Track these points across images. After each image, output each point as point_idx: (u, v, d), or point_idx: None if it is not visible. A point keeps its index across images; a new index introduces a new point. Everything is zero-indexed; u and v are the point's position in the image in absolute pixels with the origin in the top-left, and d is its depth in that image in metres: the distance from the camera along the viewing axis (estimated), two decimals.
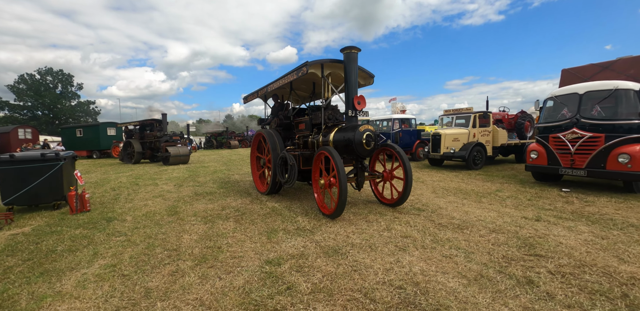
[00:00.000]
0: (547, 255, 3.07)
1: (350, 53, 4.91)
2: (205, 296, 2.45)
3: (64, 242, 3.93)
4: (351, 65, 4.94)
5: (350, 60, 4.95)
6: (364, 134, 4.69)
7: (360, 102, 4.97)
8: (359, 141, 4.68)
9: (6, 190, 5.46)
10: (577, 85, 6.47)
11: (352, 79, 4.97)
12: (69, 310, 2.33)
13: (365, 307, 2.24)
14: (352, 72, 4.95)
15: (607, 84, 6.01)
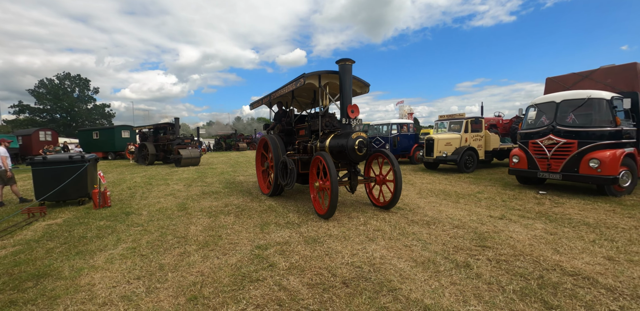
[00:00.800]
0: (492, 246, 3.62)
1: (345, 65, 5.30)
2: (205, 270, 3.12)
3: (91, 231, 4.69)
4: (345, 76, 5.30)
5: (344, 71, 5.31)
6: (356, 141, 5.02)
7: (354, 111, 5.34)
8: (351, 147, 5.01)
9: (39, 188, 6.30)
10: (554, 94, 6.94)
11: (346, 89, 5.32)
12: (102, 277, 3.04)
13: (326, 279, 2.86)
14: (346, 83, 5.30)
15: (582, 93, 6.46)
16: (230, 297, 2.60)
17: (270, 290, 2.71)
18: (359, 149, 5.01)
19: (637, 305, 2.34)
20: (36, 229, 4.93)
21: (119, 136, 23.28)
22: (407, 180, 9.00)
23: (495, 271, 2.98)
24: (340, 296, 2.56)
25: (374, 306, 2.41)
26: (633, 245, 3.55)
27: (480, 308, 2.34)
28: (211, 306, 2.47)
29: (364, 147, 5.06)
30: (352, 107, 5.32)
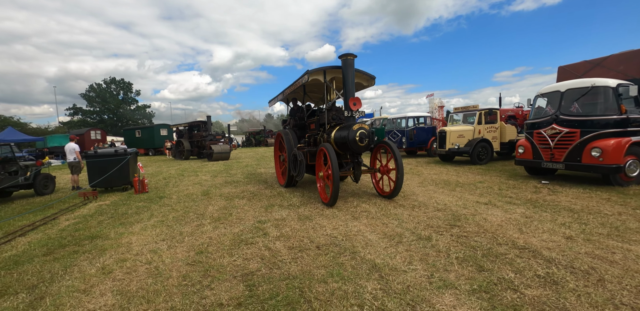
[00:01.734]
0: (461, 225, 4.02)
1: (346, 59, 5.46)
2: (213, 236, 3.93)
3: (131, 209, 5.76)
4: (348, 71, 5.47)
5: (347, 66, 5.47)
6: (357, 132, 5.21)
7: (356, 103, 5.49)
8: (352, 138, 5.22)
9: (92, 176, 7.61)
10: (560, 83, 6.89)
11: (349, 83, 5.49)
12: (137, 239, 3.97)
13: (304, 244, 3.52)
14: (348, 77, 5.48)
15: (585, 82, 6.39)
16: (227, 253, 3.37)
17: (258, 250, 3.43)
18: (360, 140, 5.20)
19: (564, 272, 2.66)
20: (90, 208, 6.13)
21: (157, 134, 25.56)
22: (415, 171, 9.30)
23: (450, 244, 3.42)
24: (310, 255, 3.21)
25: (333, 262, 3.03)
26: (602, 228, 3.73)
27: (419, 267, 2.86)
28: (211, 258, 3.25)
29: (365, 138, 5.23)
30: (354, 99, 5.49)
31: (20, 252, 3.77)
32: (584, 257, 2.91)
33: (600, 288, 2.35)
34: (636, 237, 3.36)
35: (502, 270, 2.74)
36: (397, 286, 2.52)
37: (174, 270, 3.04)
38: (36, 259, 3.51)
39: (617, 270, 2.62)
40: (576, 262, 2.81)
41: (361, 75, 6.53)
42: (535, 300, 2.21)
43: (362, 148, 5.33)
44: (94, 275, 3.02)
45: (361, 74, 6.50)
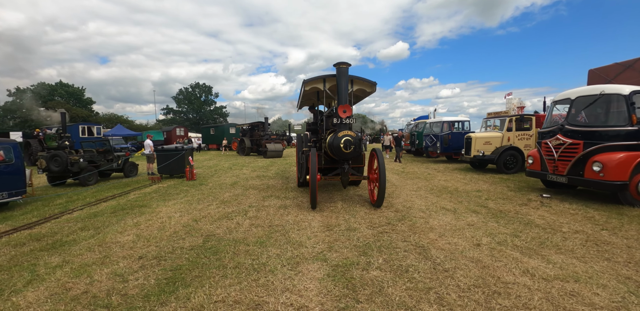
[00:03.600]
0: (396, 225, 4.62)
1: (340, 68, 5.66)
2: (212, 212, 5.48)
3: (176, 190, 7.80)
4: (341, 79, 5.65)
5: (340, 74, 5.68)
6: (342, 139, 5.38)
7: (346, 111, 5.62)
8: (337, 145, 5.39)
9: (159, 165, 10.10)
10: (572, 90, 6.49)
11: (342, 90, 5.67)
12: (166, 210, 5.79)
13: (263, 223, 4.73)
14: (342, 84, 5.65)
15: (595, 89, 5.97)
16: (210, 222, 4.83)
17: (231, 223, 4.80)
18: (345, 147, 5.36)
19: (425, 265, 3.16)
20: (152, 188, 8.43)
21: (227, 132, 29.54)
22: (428, 177, 9.52)
23: (367, 236, 4.12)
24: (258, 230, 4.42)
25: (267, 235, 4.18)
26: (526, 242, 3.79)
27: (319, 246, 3.77)
28: (199, 224, 4.73)
29: (350, 145, 5.37)
30: (344, 107, 5.62)
31: (99, 211, 5.90)
32: (462, 259, 3.32)
33: (437, 281, 2.85)
34: (546, 252, 3.48)
35: (375, 257, 3.40)
36: (289, 254, 3.54)
37: (172, 228, 4.60)
38: (105, 215, 5.53)
39: (477, 271, 3.03)
40: (448, 262, 3.26)
41: (362, 82, 6.64)
42: (373, 278, 2.93)
43: (348, 155, 5.49)
44: (129, 225, 4.80)
45: (362, 81, 6.62)
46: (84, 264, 3.39)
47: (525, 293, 2.59)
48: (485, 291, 2.63)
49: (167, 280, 2.97)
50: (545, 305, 2.41)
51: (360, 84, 6.68)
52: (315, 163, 5.31)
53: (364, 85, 6.72)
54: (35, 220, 5.28)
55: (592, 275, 2.92)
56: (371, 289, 2.71)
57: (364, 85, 6.72)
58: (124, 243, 4.07)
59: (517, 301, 2.48)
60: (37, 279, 3.05)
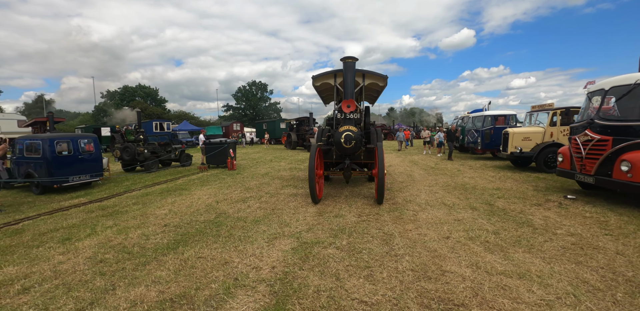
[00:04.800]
0: (383, 215, 4.95)
1: (346, 62, 5.65)
2: (233, 196, 6.47)
3: (214, 179, 9.13)
4: (347, 73, 5.63)
5: (347, 68, 5.65)
6: (343, 134, 5.44)
7: (349, 106, 5.64)
8: (338, 140, 5.45)
9: (207, 157, 11.69)
10: (606, 80, 5.80)
11: (347, 85, 5.63)
12: (199, 192, 6.98)
13: (266, 206, 5.50)
14: (347, 79, 5.65)
15: (629, 78, 5.25)
16: (228, 204, 5.80)
17: (243, 204, 5.69)
18: (345, 142, 5.40)
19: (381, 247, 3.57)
20: (197, 176, 9.94)
21: (278, 127, 31.44)
22: (454, 173, 9.25)
23: (349, 223, 4.55)
24: (265, 212, 5.19)
25: (267, 216, 4.91)
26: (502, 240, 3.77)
27: (304, 229, 4.36)
28: (218, 205, 5.72)
29: (351, 140, 5.38)
30: (348, 101, 5.62)
31: (151, 191, 7.39)
32: (419, 248, 3.58)
33: (379, 262, 3.28)
34: (513, 250, 3.46)
35: (341, 239, 3.88)
36: (272, 231, 4.25)
37: (197, 206, 5.68)
38: (154, 194, 6.95)
39: (425, 259, 3.27)
40: (404, 249, 3.56)
41: (374, 76, 6.57)
42: (326, 255, 3.45)
43: (349, 150, 5.50)
44: (167, 203, 6.06)
45: (373, 75, 6.56)
46: (126, 227, 4.58)
47: (455, 282, 2.77)
48: (417, 275, 2.91)
49: (174, 241, 3.92)
50: (467, 293, 2.59)
51: (372, 78, 6.64)
52: (313, 159, 5.30)
53: (375, 79, 6.67)
54: (105, 196, 6.93)
55: (544, 274, 2.90)
56: (318, 262, 3.24)
57: (375, 79, 6.67)
58: (158, 215, 5.23)
59: (441, 286, 2.70)
60: (93, 234, 4.31)
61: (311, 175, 5.28)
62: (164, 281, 2.89)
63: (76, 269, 3.22)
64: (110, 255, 3.55)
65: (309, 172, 5.29)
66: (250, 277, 2.92)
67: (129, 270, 3.15)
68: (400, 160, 13.19)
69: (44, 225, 4.79)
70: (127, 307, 2.50)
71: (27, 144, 7.11)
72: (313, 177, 5.31)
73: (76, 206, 6.04)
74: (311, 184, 5.35)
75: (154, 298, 2.61)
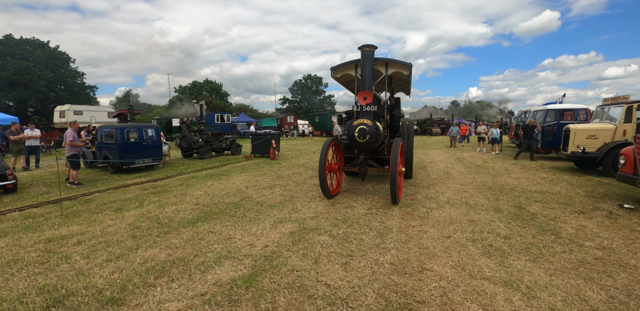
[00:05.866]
0: (381, 209, 4.94)
1: (364, 51, 5.33)
2: (263, 183, 7.06)
3: (253, 167, 9.95)
4: (365, 63, 5.32)
5: (365, 58, 5.31)
6: (357, 128, 5.07)
7: (366, 97, 5.26)
8: (351, 134, 5.12)
9: (253, 147, 12.67)
10: None
11: (365, 76, 5.30)
12: (236, 178, 7.76)
13: (285, 193, 5.89)
14: (366, 69, 5.31)
15: None
16: (255, 190, 6.39)
17: (268, 192, 6.21)
18: (359, 136, 5.08)
19: (373, 240, 3.63)
20: (241, 164, 10.91)
21: (329, 120, 31.97)
22: (498, 172, 8.47)
23: (355, 215, 4.66)
24: (283, 198, 5.61)
25: (283, 202, 5.31)
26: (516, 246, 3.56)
27: (310, 216, 4.63)
28: (247, 190, 6.34)
29: (365, 135, 5.06)
30: (364, 93, 5.28)
31: (197, 175, 8.44)
32: (411, 244, 3.62)
33: (363, 252, 3.40)
34: (516, 257, 3.21)
35: (339, 228, 4.05)
36: (281, 215, 4.63)
37: (228, 190, 6.39)
38: (198, 178, 7.95)
39: (411, 255, 3.30)
40: (396, 243, 3.62)
41: (397, 64, 6.08)
42: (318, 240, 3.70)
43: (363, 144, 5.16)
44: (206, 186, 6.94)
45: (397, 63, 6.07)
46: (165, 203, 5.44)
47: (429, 280, 2.74)
48: (394, 269, 2.96)
49: (197, 217, 4.57)
50: (435, 292, 2.54)
51: (396, 67, 6.13)
52: (325, 152, 5.18)
53: (400, 67, 6.12)
54: (160, 177, 8.16)
55: (537, 286, 2.66)
56: (306, 246, 3.49)
57: (400, 67, 6.12)
58: (195, 195, 6.05)
59: (412, 282, 2.70)
60: (139, 206, 5.24)
61: (321, 169, 5.13)
62: (174, 247, 3.48)
63: (117, 231, 4.04)
64: (145, 223, 4.33)
65: (320, 166, 5.16)
66: (241, 252, 3.33)
67: (153, 236, 3.84)
68: (446, 157, 12.47)
69: (108, 197, 5.96)
70: (140, 262, 3.13)
71: (107, 132, 8.71)
72: (323, 171, 5.14)
73: (136, 184, 7.28)
74: (321, 178, 5.19)
75: (161, 259, 3.20)
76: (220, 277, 2.79)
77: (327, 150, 5.31)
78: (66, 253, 3.39)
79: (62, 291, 2.63)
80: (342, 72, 6.32)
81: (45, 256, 3.34)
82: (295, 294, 2.50)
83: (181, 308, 2.36)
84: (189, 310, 2.33)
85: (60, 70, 29.85)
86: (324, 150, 5.31)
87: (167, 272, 2.92)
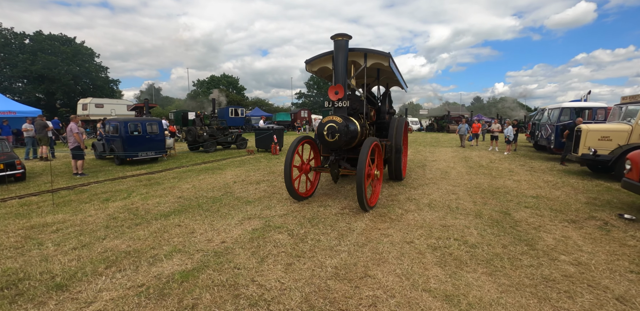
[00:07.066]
0: (376, 211, 4.86)
1: (337, 41, 4.84)
2: (253, 178, 7.17)
3: (251, 162, 10.11)
4: (339, 54, 4.83)
5: (338, 48, 4.84)
6: (325, 126, 4.63)
7: (338, 92, 4.77)
8: (320, 132, 4.68)
9: (256, 141, 12.85)
10: None
11: (338, 68, 4.81)
12: (229, 172, 7.93)
13: (269, 189, 5.95)
14: (338, 61, 4.82)
15: None
16: (244, 184, 6.51)
17: (252, 188, 6.30)
18: (328, 135, 4.65)
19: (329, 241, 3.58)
20: (242, 158, 11.11)
21: None
22: (501, 174, 8.05)
23: (327, 215, 4.63)
24: (265, 194, 5.68)
25: (261, 198, 5.37)
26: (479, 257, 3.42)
27: (280, 214, 4.65)
28: (232, 184, 6.46)
29: (334, 133, 4.61)
30: (335, 88, 4.79)
31: (194, 169, 8.71)
32: (366, 248, 3.57)
33: (312, 254, 3.39)
34: (472, 269, 3.04)
35: (302, 227, 4.06)
36: (253, 212, 4.69)
37: (216, 184, 6.56)
38: (194, 172, 8.21)
39: (359, 260, 3.27)
40: (350, 246, 3.59)
41: (376, 55, 5.49)
42: (272, 239, 3.73)
43: (333, 144, 4.72)
44: (197, 179, 7.16)
45: (375, 54, 5.48)
46: (152, 195, 5.68)
47: (366, 288, 2.64)
48: (336, 273, 2.90)
49: (173, 210, 4.75)
50: (365, 301, 2.45)
51: (375, 58, 5.52)
52: (292, 152, 4.79)
53: (379, 58, 5.50)
54: (159, 170, 8.49)
55: (480, 303, 2.49)
56: (260, 243, 3.53)
57: (379, 58, 5.50)
58: (182, 188, 6.26)
59: (348, 289, 2.62)
60: (126, 198, 5.52)
61: (287, 169, 4.72)
62: (137, 239, 3.64)
63: (95, 221, 4.28)
64: (122, 214, 4.56)
65: (285, 166, 4.74)
66: (196, 246, 3.43)
67: (124, 227, 4.03)
68: (451, 156, 12.04)
69: (102, 188, 6.30)
70: (100, 252, 3.31)
71: (113, 125, 9.16)
72: (289, 171, 4.71)
73: (134, 176, 7.64)
74: (287, 178, 4.74)
75: (121, 249, 3.36)
76: (163, 270, 2.90)
77: (295, 148, 4.92)
78: (41, 240, 3.64)
79: (20, 274, 2.85)
80: (319, 65, 5.77)
81: (22, 242, 3.61)
82: (223, 292, 2.55)
83: (114, 297, 2.48)
84: (120, 299, 2.45)
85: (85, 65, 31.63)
86: (291, 148, 4.88)
87: (118, 262, 3.07)
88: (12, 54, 28.52)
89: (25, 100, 27.28)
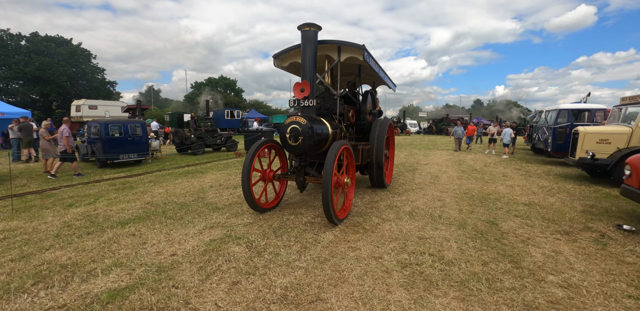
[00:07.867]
0: (350, 220, 4.54)
1: (304, 32, 4.33)
2: (237, 182, 6.85)
3: (241, 164, 9.78)
4: (306, 47, 4.32)
5: (306, 40, 4.30)
6: (288, 127, 4.14)
7: (304, 89, 4.28)
8: (283, 135, 4.21)
9: (245, 142, 12.58)
10: None
11: (305, 62, 4.30)
12: (211, 175, 7.64)
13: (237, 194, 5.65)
14: (306, 54, 4.32)
15: None
16: (220, 189, 6.22)
17: (227, 193, 6.00)
18: (290, 138, 4.16)
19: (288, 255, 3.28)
20: (229, 161, 10.82)
21: None
22: (494, 179, 7.69)
23: (294, 225, 4.32)
24: (237, 201, 5.37)
25: (231, 206, 5.07)
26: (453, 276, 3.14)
27: (245, 223, 4.34)
28: (210, 189, 6.17)
29: (298, 136, 4.11)
30: (301, 84, 4.30)
31: (174, 172, 8.44)
32: (327, 263, 3.28)
33: (266, 269, 3.10)
34: (443, 291, 2.78)
35: (264, 239, 3.75)
36: (217, 220, 4.38)
37: (190, 189, 6.26)
38: (173, 175, 7.95)
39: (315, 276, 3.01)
40: (309, 260, 3.31)
41: (350, 48, 4.96)
42: (228, 251, 3.41)
43: (296, 148, 4.21)
44: (172, 183, 6.87)
45: (350, 47, 4.94)
46: (119, 201, 5.40)
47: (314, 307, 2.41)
48: (284, 295, 2.59)
49: (135, 218, 4.46)
50: None
51: (350, 51, 4.98)
52: (250, 158, 4.30)
53: (353, 51, 4.97)
54: (138, 173, 8.22)
55: None
56: (212, 257, 3.23)
57: (353, 51, 4.97)
58: (154, 194, 5.97)
59: None
60: (91, 203, 5.27)
61: (244, 178, 4.21)
62: (82, 250, 3.35)
63: (47, 229, 4.00)
64: (79, 222, 4.27)
65: (242, 174, 4.24)
66: (141, 260, 3.13)
67: (74, 236, 3.75)
68: (445, 159, 11.68)
69: (71, 192, 6.04)
70: (36, 265, 3.04)
71: (93, 127, 8.92)
72: (247, 179, 4.19)
73: (109, 179, 7.36)
74: (244, 188, 4.22)
75: (60, 262, 3.08)
76: (93, 288, 2.60)
77: (254, 154, 4.38)
78: None
79: None
80: (289, 60, 5.22)
81: None
82: None
83: None
84: None
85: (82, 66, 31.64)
86: (249, 154, 4.31)
87: (49, 278, 2.77)
88: (7, 56, 28.63)
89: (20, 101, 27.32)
